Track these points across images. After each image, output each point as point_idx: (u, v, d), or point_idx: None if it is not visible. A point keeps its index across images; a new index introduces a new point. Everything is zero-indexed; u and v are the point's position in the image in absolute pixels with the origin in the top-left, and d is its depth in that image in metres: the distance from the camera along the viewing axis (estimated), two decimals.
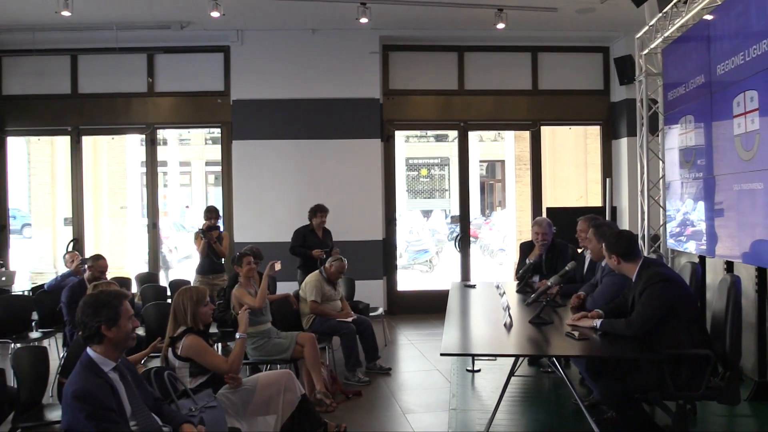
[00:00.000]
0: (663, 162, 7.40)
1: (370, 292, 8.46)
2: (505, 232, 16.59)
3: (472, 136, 10.64)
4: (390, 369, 6.35)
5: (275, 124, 9.05)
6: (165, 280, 10.00)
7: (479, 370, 5.95)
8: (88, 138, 10.43)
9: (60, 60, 9.25)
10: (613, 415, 4.19)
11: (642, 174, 7.69)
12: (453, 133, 12.09)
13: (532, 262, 5.83)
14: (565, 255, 5.82)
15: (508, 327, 4.27)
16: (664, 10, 6.64)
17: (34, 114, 9.35)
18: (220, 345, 6.03)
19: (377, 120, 9.18)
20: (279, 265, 5.74)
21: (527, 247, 6.16)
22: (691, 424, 4.36)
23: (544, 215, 8.57)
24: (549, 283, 4.80)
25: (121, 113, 9.37)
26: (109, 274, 6.27)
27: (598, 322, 4.00)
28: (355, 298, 7.39)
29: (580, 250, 5.64)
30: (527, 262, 5.87)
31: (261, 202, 9.00)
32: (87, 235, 10.16)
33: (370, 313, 7.12)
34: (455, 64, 9.50)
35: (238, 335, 4.04)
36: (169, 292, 7.29)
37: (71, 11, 7.31)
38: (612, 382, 3.82)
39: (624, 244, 4.05)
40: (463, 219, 9.88)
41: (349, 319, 6.17)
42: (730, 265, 5.56)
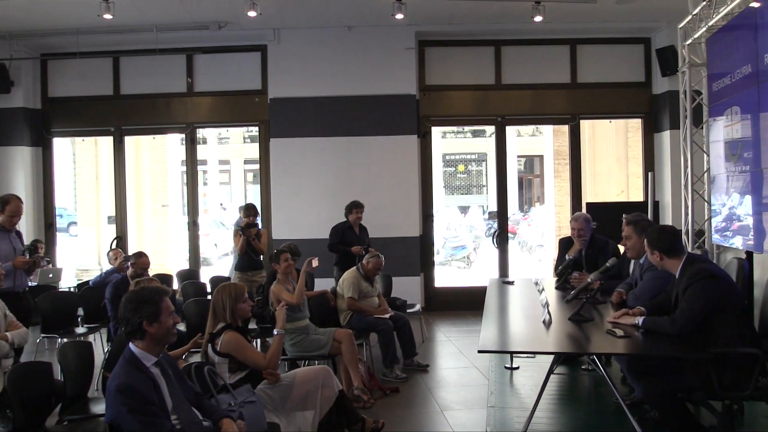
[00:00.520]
0: (708, 155, 7.20)
1: (408, 288, 8.45)
2: (543, 228, 16.42)
3: (510, 131, 10.55)
4: (427, 366, 6.34)
5: (312, 122, 9.10)
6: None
7: (518, 368, 5.89)
8: (130, 138, 10.66)
9: (103, 62, 9.48)
10: (656, 415, 4.10)
11: (686, 167, 7.50)
12: (490, 129, 12.02)
13: (571, 258, 5.73)
14: (605, 251, 5.70)
15: (547, 324, 4.21)
16: None
17: (78, 115, 9.62)
18: (258, 341, 6.10)
19: (413, 116, 9.15)
20: (316, 262, 5.77)
21: (566, 243, 6.07)
22: (738, 425, 4.23)
23: (584, 211, 8.42)
24: (589, 279, 4.71)
25: (162, 113, 9.56)
26: (151, 271, 6.41)
27: (640, 320, 3.92)
28: (392, 295, 7.39)
29: (622, 248, 5.52)
30: (567, 258, 5.78)
31: (298, 199, 9.07)
32: (130, 233, 10.40)
33: (408, 310, 7.12)
34: (492, 58, 9.41)
35: (276, 331, 4.07)
36: (209, 289, 7.42)
37: (113, 14, 7.48)
38: (655, 381, 3.73)
39: (667, 239, 3.95)
40: (501, 215, 9.78)
41: (387, 315, 6.18)
42: None
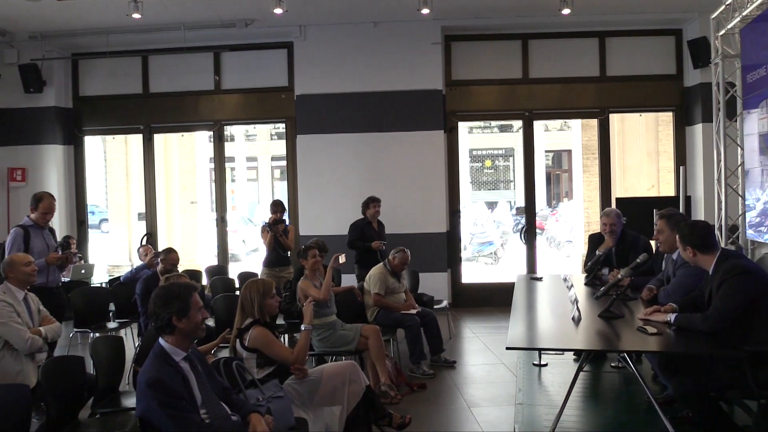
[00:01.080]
0: (742, 148, 7.06)
1: (435, 284, 8.42)
2: (572, 223, 16.23)
3: (538, 125, 10.41)
4: (455, 362, 6.31)
5: (338, 118, 9.11)
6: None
7: (546, 365, 5.83)
8: (159, 135, 10.79)
9: (132, 61, 9.61)
10: (689, 414, 4.02)
11: (719, 161, 7.36)
12: (517, 123, 11.90)
13: (601, 254, 5.64)
14: (636, 246, 5.60)
15: (577, 321, 4.15)
16: None
17: (108, 114, 9.77)
18: (286, 336, 6.14)
19: (440, 111, 9.10)
20: (343, 258, 5.78)
21: (597, 239, 5.98)
22: None
23: (614, 206, 8.31)
24: (620, 275, 4.64)
25: (190, 111, 9.67)
26: (180, 267, 6.48)
27: (672, 317, 3.84)
28: (419, 291, 7.37)
29: (653, 243, 5.43)
30: (597, 254, 5.69)
31: (325, 195, 9.10)
32: (159, 230, 10.54)
33: (435, 306, 7.09)
34: (519, 52, 9.31)
35: (303, 327, 4.09)
36: (237, 285, 7.48)
37: (141, 14, 7.58)
38: (687, 380, 3.66)
39: (699, 234, 3.87)
40: (529, 210, 9.70)
41: (414, 311, 6.16)
42: None
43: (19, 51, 9.13)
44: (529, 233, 9.57)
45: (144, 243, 8.65)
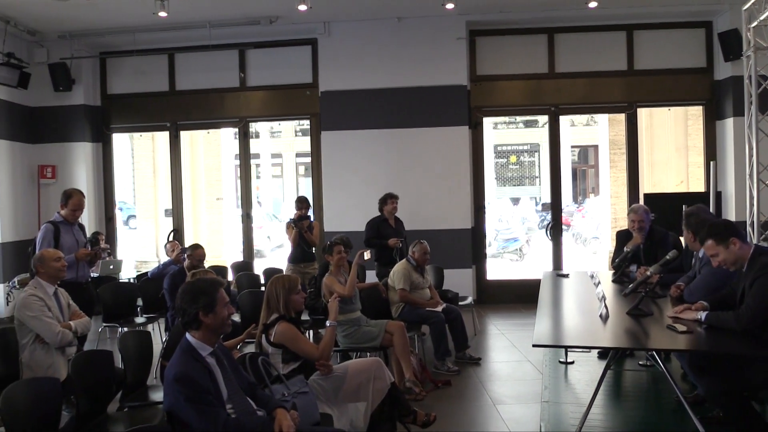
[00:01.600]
0: None
1: (459, 281, 8.39)
2: (598, 219, 16.05)
3: (564, 120, 10.33)
4: (480, 359, 6.28)
5: (363, 114, 9.11)
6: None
7: (572, 362, 5.76)
8: (186, 132, 10.90)
9: (158, 59, 9.72)
10: (720, 414, 3.94)
11: (751, 156, 7.21)
12: (543, 118, 11.79)
13: (629, 250, 5.55)
14: (665, 243, 5.51)
15: (604, 318, 4.10)
16: None
17: (135, 111, 9.90)
18: (311, 332, 6.16)
19: (465, 107, 9.05)
20: (368, 254, 5.78)
21: (624, 236, 5.89)
22: None
23: (641, 202, 8.19)
24: (649, 272, 4.56)
25: (216, 108, 9.74)
26: (207, 263, 6.53)
27: (702, 315, 3.77)
28: (444, 287, 7.34)
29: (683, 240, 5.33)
30: (624, 250, 5.61)
31: (350, 191, 9.10)
32: (186, 226, 10.65)
33: (459, 302, 7.06)
34: (545, 46, 9.21)
35: (328, 323, 4.09)
36: (262, 280, 7.52)
37: (167, 12, 7.64)
38: (718, 379, 3.58)
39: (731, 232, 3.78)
40: (555, 206, 9.61)
41: (438, 308, 6.14)
42: None
43: (49, 50, 9.29)
44: (555, 229, 9.48)
45: (171, 239, 8.74)
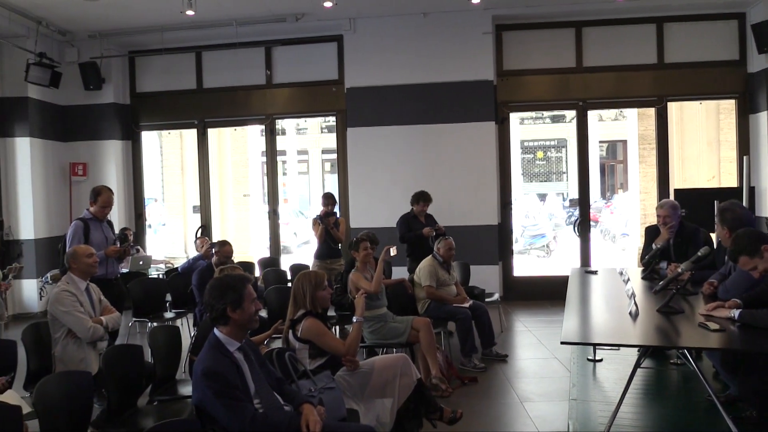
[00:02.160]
0: None
1: (486, 277, 8.35)
2: (627, 215, 15.82)
3: (592, 115, 10.18)
4: (506, 356, 6.24)
5: (389, 110, 9.10)
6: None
7: (601, 360, 5.69)
8: (213, 130, 11.00)
9: (186, 57, 9.83)
10: (753, 414, 3.86)
11: None
12: (570, 113, 11.64)
13: (659, 247, 5.46)
14: (696, 239, 5.40)
15: (634, 315, 4.03)
16: None
17: (164, 109, 10.04)
18: (337, 328, 6.18)
19: (491, 102, 8.98)
20: (394, 250, 5.77)
21: (653, 232, 5.79)
22: None
23: (672, 197, 8.05)
24: (680, 269, 4.48)
25: (242, 105, 9.82)
26: (234, 259, 6.59)
27: (736, 313, 3.68)
28: (470, 284, 7.30)
29: (714, 236, 5.22)
30: (654, 247, 5.52)
31: (376, 187, 9.11)
32: (213, 222, 10.76)
33: (486, 299, 7.02)
34: (572, 40, 9.10)
35: (355, 319, 4.10)
36: (289, 276, 7.56)
37: (195, 10, 7.72)
38: (752, 378, 3.51)
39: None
40: (583, 202, 9.49)
41: (465, 304, 6.11)
42: None
43: (79, 50, 9.46)
44: (583, 225, 9.37)
45: (199, 235, 8.84)
